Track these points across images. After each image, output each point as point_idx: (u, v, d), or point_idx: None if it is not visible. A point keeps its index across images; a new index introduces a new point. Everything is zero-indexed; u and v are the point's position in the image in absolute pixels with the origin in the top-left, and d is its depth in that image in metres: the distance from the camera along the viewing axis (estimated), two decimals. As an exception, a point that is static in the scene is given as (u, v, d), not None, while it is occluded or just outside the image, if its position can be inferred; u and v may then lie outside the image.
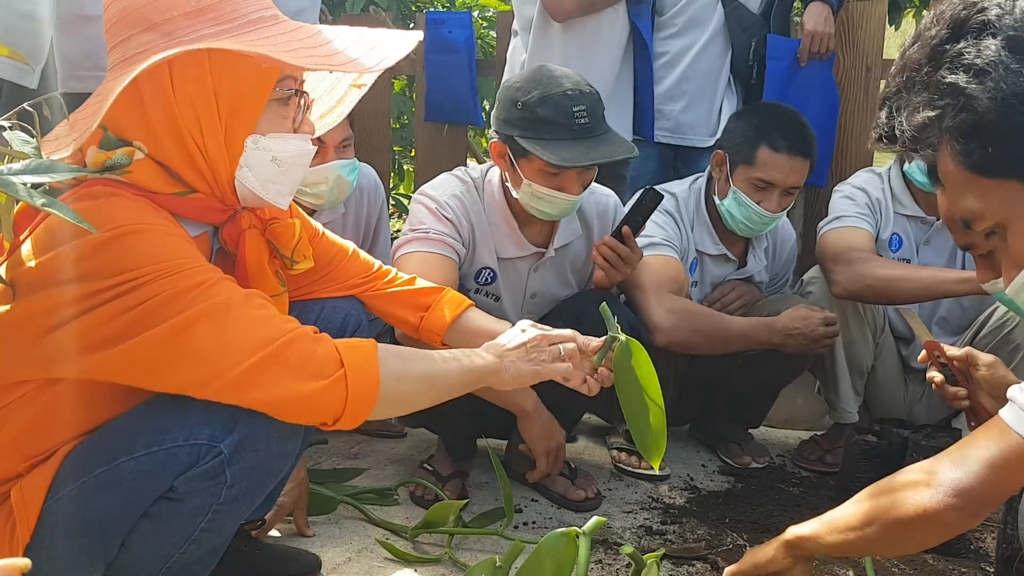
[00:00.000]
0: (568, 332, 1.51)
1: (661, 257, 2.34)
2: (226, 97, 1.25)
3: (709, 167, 2.49)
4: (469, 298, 2.08)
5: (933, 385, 1.71)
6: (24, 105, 1.10)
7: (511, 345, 1.45)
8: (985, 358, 1.67)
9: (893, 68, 1.06)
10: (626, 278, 2.18)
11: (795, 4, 3.08)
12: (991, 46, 0.93)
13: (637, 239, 2.16)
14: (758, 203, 2.33)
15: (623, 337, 1.52)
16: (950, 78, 0.95)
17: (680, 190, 2.51)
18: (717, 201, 2.43)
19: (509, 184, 2.11)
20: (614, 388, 1.65)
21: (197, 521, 1.23)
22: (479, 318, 1.66)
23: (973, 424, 1.70)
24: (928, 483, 1.14)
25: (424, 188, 2.18)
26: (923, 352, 1.74)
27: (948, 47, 0.97)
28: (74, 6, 2.14)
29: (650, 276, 2.26)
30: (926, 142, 1.00)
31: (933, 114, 0.97)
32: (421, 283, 1.71)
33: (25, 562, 0.72)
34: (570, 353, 1.48)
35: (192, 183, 1.28)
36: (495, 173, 2.17)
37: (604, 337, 1.52)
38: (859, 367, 2.40)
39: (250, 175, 1.30)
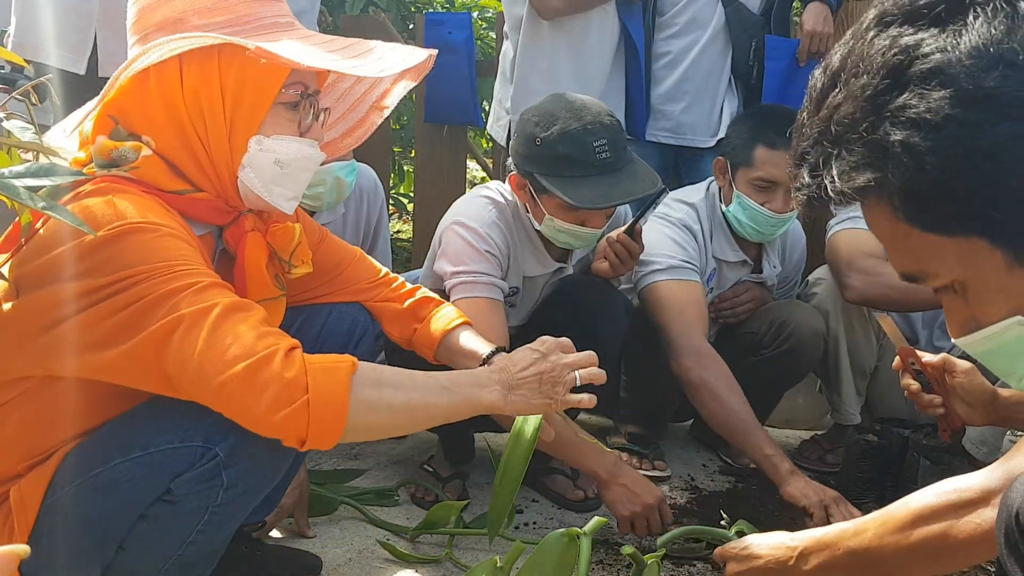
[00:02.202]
0: (587, 354, 1.44)
1: (685, 284, 2.27)
2: (232, 94, 1.26)
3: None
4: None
5: (907, 393, 1.69)
6: (14, 94, 1.10)
7: (524, 375, 1.36)
8: (962, 365, 1.64)
9: (802, 118, 0.93)
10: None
11: (795, 4, 3.08)
12: (940, 98, 0.79)
13: (658, 259, 2.21)
14: (762, 204, 2.28)
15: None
16: (895, 135, 0.81)
17: (697, 199, 2.46)
18: (724, 208, 2.40)
19: (531, 216, 2.07)
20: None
21: (194, 523, 1.23)
22: (468, 339, 1.62)
23: (945, 431, 1.69)
24: (987, 501, 1.09)
25: (460, 217, 2.07)
26: (897, 359, 1.71)
27: (887, 98, 0.82)
28: (117, 1, 2.29)
29: (672, 312, 2.22)
30: (860, 200, 0.88)
31: (875, 175, 0.83)
32: (423, 293, 1.70)
33: (24, 548, 0.71)
34: (589, 377, 1.42)
35: (196, 181, 1.29)
36: (520, 201, 2.12)
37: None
38: (862, 368, 2.40)
39: (253, 176, 1.31)
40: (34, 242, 1.18)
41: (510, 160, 2.08)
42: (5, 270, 1.19)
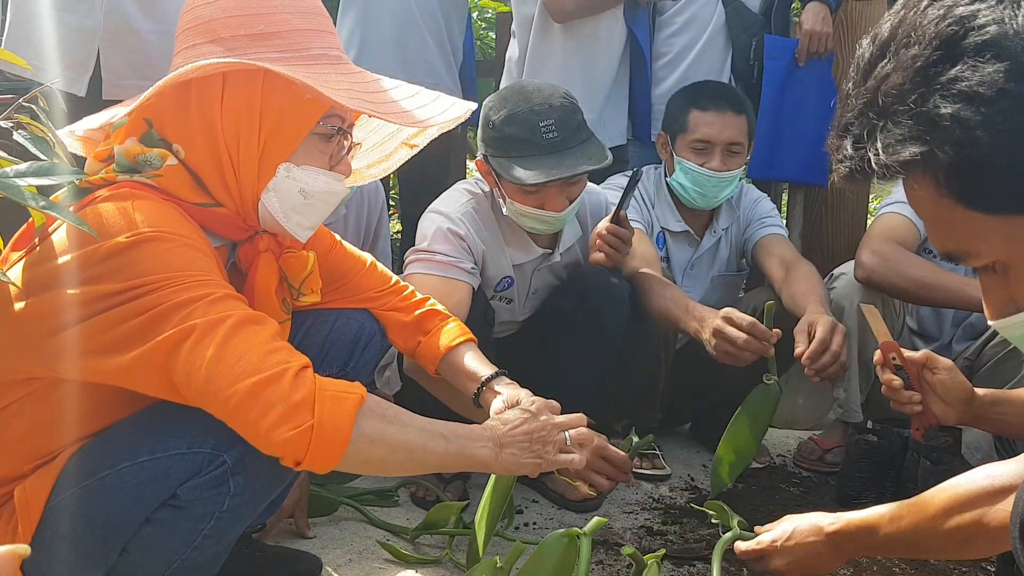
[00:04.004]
0: (577, 416, 1.45)
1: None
2: (270, 120, 1.27)
3: None
4: (490, 307, 2.07)
5: (886, 389, 1.68)
6: (20, 100, 1.10)
7: (515, 433, 1.37)
8: (944, 362, 1.64)
9: (847, 88, 0.91)
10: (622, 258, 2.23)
11: (794, 4, 3.09)
12: (995, 71, 0.78)
13: None
14: (701, 165, 2.41)
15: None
16: (945, 108, 0.79)
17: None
18: (669, 180, 2.53)
19: (500, 200, 2.11)
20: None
21: (200, 528, 1.23)
22: (470, 358, 1.63)
23: (918, 429, 1.68)
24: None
25: (435, 204, 2.15)
26: (877, 353, 1.70)
27: (938, 70, 0.81)
28: (120, 20, 2.28)
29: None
30: (904, 174, 0.86)
31: (922, 149, 0.81)
32: (431, 305, 1.70)
33: (24, 548, 0.72)
34: (578, 438, 1.42)
35: (218, 196, 1.30)
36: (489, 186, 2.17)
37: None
38: (868, 368, 2.39)
39: (275, 201, 1.31)
40: (49, 244, 1.18)
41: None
42: (18, 270, 1.19)
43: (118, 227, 1.15)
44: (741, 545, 1.49)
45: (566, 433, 1.41)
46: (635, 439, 1.80)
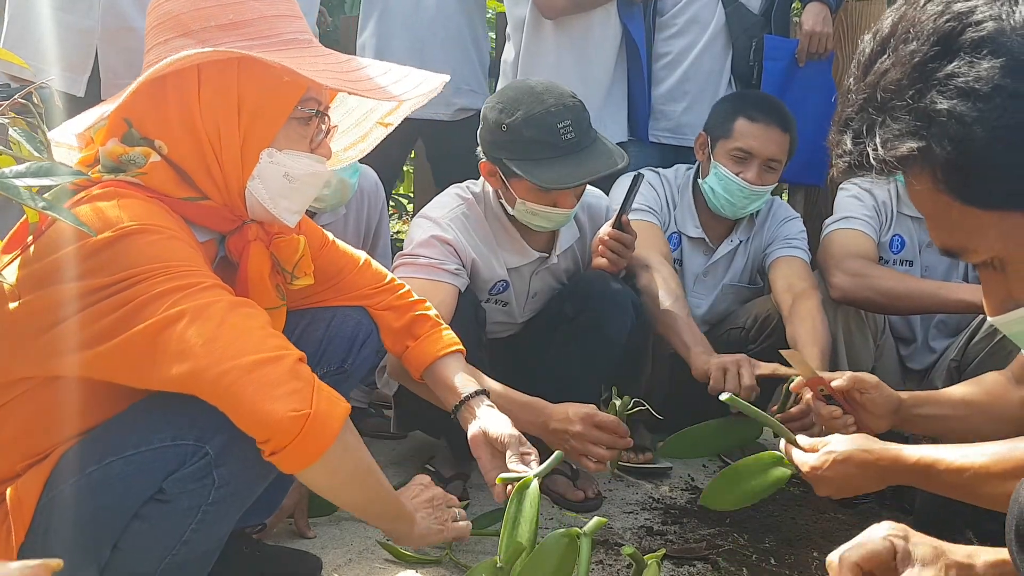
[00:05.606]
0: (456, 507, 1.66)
1: (641, 223, 2.39)
2: (248, 107, 1.27)
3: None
4: (481, 307, 2.07)
5: (824, 419, 1.75)
6: (16, 97, 1.11)
7: (418, 500, 1.59)
8: (870, 380, 1.71)
9: (848, 84, 0.92)
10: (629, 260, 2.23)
11: (794, 4, 3.09)
12: (991, 67, 0.78)
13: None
14: (737, 174, 2.39)
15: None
16: (942, 104, 0.80)
17: (670, 172, 2.63)
18: (700, 182, 2.51)
19: (504, 201, 2.12)
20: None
21: (187, 522, 1.24)
22: (453, 370, 1.66)
23: None
24: None
25: (425, 210, 2.16)
26: (807, 391, 1.78)
27: (936, 65, 0.81)
28: (118, 19, 2.28)
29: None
30: (902, 169, 0.86)
31: (919, 144, 0.81)
32: (425, 309, 1.71)
33: (57, 562, 0.72)
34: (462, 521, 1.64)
35: (204, 189, 1.30)
36: (492, 187, 2.18)
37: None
38: (859, 368, 2.40)
39: (261, 188, 1.32)
40: (38, 244, 1.19)
41: (479, 149, 2.12)
42: (12, 270, 1.20)
43: (103, 225, 1.16)
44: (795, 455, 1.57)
45: (456, 510, 1.64)
46: (617, 403, 1.83)
